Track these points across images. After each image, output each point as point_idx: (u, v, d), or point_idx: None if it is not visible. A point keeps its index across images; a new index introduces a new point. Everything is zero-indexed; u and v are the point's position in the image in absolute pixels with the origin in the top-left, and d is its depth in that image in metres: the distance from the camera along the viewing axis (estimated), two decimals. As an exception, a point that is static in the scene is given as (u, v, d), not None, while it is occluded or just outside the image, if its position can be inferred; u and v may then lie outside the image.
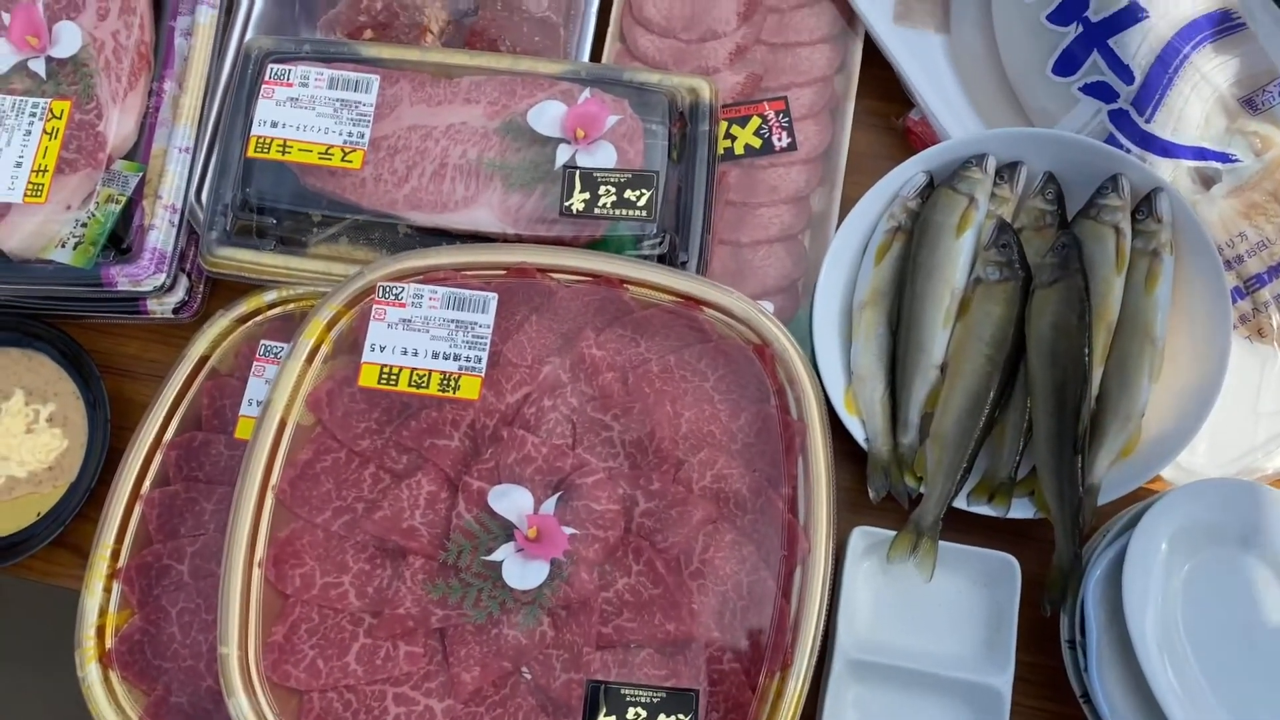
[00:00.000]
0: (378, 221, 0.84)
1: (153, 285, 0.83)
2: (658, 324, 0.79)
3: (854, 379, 0.84)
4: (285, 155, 0.82)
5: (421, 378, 0.76)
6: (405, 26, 0.91)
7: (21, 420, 0.86)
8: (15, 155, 0.82)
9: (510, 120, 0.84)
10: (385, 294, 0.77)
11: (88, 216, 0.83)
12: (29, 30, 0.85)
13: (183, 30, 0.89)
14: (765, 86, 0.92)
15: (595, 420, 0.77)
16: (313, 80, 0.83)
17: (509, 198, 0.83)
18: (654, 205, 0.80)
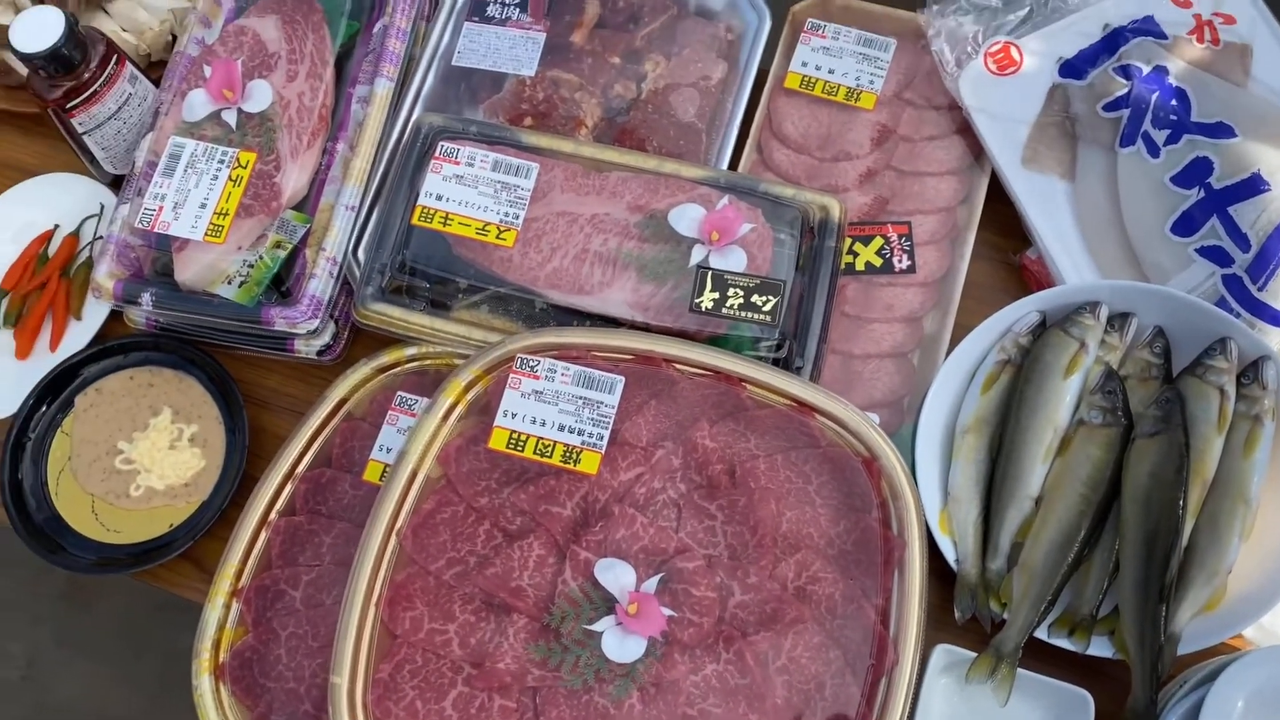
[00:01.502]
0: (517, 295, 0.90)
1: (306, 329, 0.90)
2: (769, 423, 0.83)
3: (950, 499, 0.87)
4: (446, 227, 0.88)
5: (547, 447, 0.81)
6: (562, 118, 0.98)
7: (166, 436, 0.93)
8: (202, 196, 0.89)
9: (650, 216, 0.90)
10: (523, 365, 0.83)
11: (255, 258, 0.91)
12: (226, 84, 0.94)
13: (359, 97, 0.97)
14: (890, 209, 0.97)
15: (700, 508, 0.81)
16: (478, 161, 0.90)
17: (641, 287, 0.88)
18: (778, 312, 0.85)
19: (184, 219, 0.89)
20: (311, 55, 0.96)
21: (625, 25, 1.02)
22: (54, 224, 1.01)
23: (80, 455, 0.93)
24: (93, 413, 0.94)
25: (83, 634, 1.59)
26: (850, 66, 1.01)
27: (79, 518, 0.91)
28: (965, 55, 0.98)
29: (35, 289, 0.98)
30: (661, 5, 1.03)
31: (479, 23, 1.02)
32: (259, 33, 0.97)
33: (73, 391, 0.95)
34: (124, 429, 0.93)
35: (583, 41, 1.01)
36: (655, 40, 1.02)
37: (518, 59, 1.00)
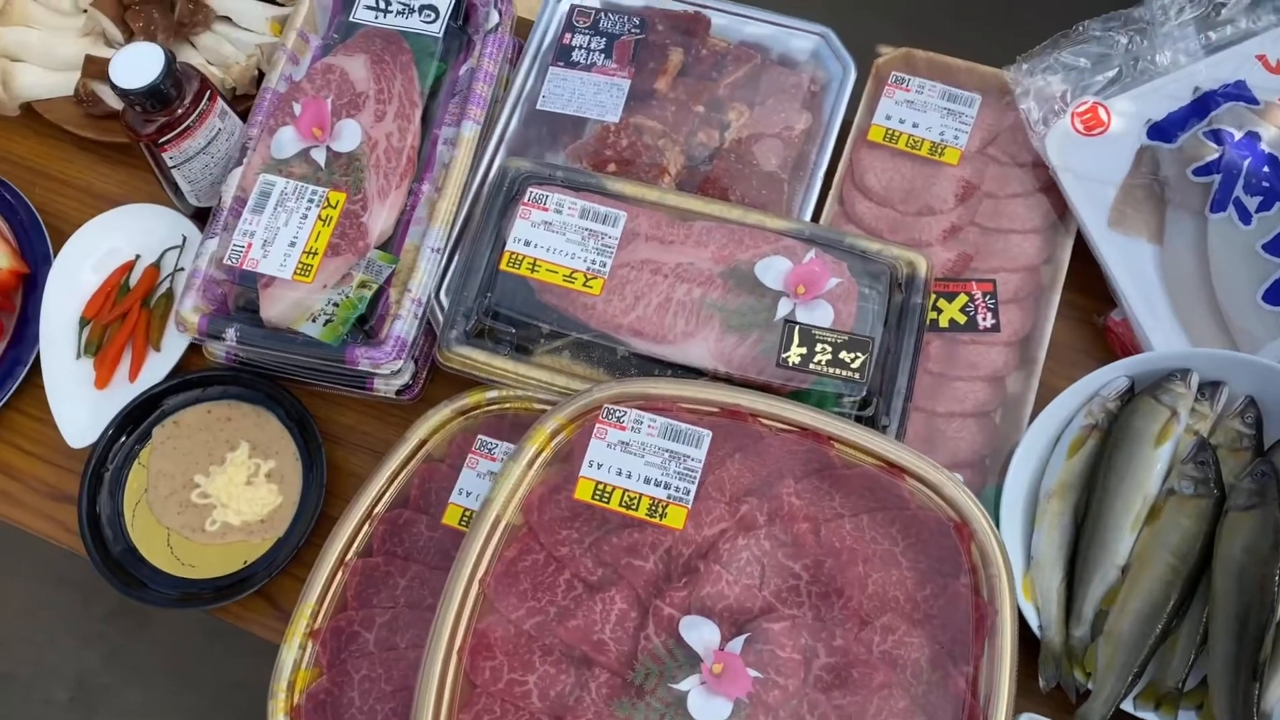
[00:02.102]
0: (600, 341, 0.90)
1: (390, 370, 0.90)
2: (856, 482, 0.83)
3: (1033, 565, 0.86)
4: (534, 273, 0.88)
5: (633, 499, 0.80)
6: (646, 165, 0.98)
7: (244, 471, 0.93)
8: (291, 235, 0.90)
9: (735, 267, 0.90)
10: (609, 415, 0.82)
11: (341, 297, 0.91)
12: (316, 122, 0.94)
13: (445, 139, 0.98)
14: (974, 266, 0.97)
15: (785, 567, 0.80)
16: (566, 208, 0.90)
17: (725, 338, 0.88)
18: (866, 369, 0.85)
19: (273, 257, 0.89)
20: (400, 96, 0.97)
21: (708, 74, 1.03)
22: (135, 254, 1.02)
23: (157, 488, 0.93)
24: (170, 445, 0.94)
25: (132, 658, 1.59)
26: (934, 121, 1.00)
27: (154, 550, 0.91)
28: (1052, 114, 0.97)
29: (116, 319, 0.98)
30: (745, 54, 1.03)
31: (564, 68, 1.02)
32: (347, 71, 0.98)
33: (151, 423, 0.95)
34: (201, 463, 0.93)
35: (666, 89, 1.01)
36: (738, 89, 1.02)
37: (602, 105, 1.00)
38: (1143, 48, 0.97)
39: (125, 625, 1.60)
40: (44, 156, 1.09)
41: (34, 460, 0.97)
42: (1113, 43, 0.97)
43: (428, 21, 0.99)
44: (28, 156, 1.09)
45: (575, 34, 1.04)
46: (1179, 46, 0.97)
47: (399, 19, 0.99)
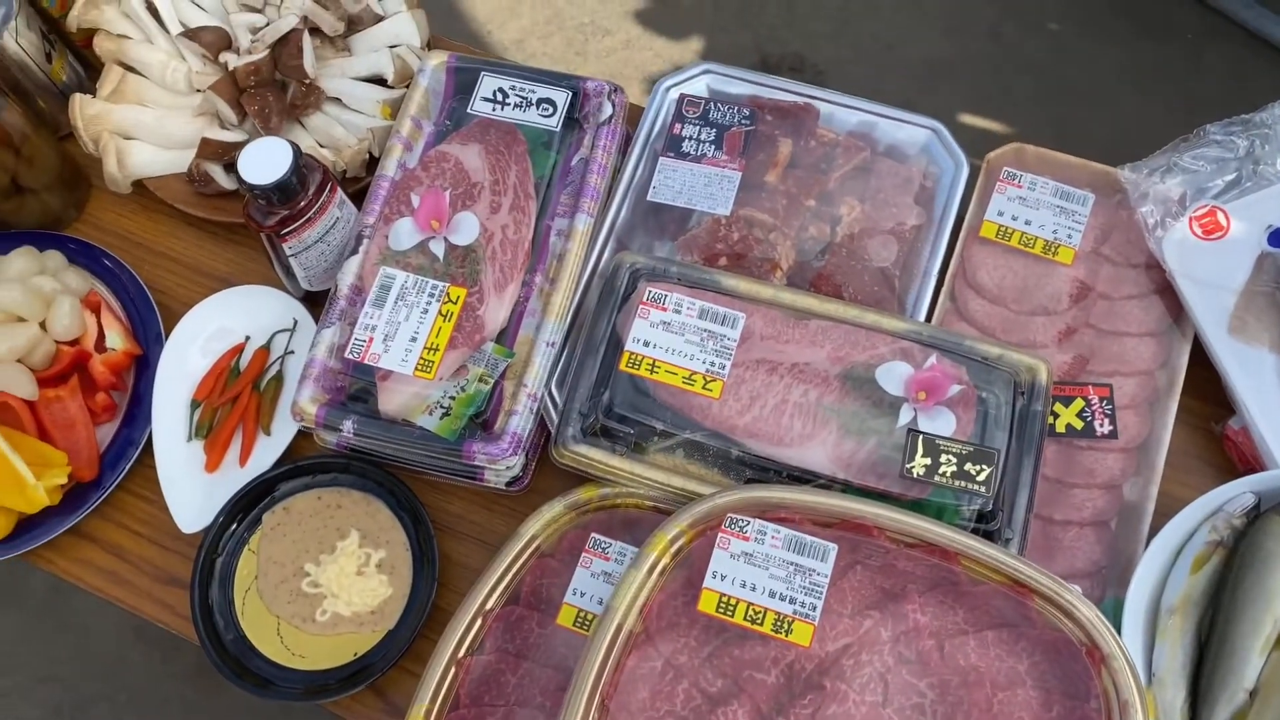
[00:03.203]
0: (714, 442, 0.89)
1: (506, 465, 0.90)
2: (981, 599, 0.82)
3: (1155, 681, 0.84)
4: (654, 374, 0.88)
5: (758, 614, 0.80)
6: (757, 260, 0.98)
7: (354, 561, 0.93)
8: (412, 330, 0.90)
9: (851, 369, 0.90)
10: (732, 525, 0.82)
11: (457, 390, 0.91)
12: (434, 214, 0.95)
13: (557, 230, 0.98)
14: (1089, 369, 0.96)
15: (909, 684, 0.80)
16: (685, 308, 0.90)
17: (843, 443, 0.87)
18: (992, 482, 0.84)
19: (394, 352, 0.90)
20: (515, 187, 0.98)
21: (818, 166, 1.03)
22: (245, 336, 1.02)
23: (267, 575, 0.93)
24: (280, 531, 0.95)
25: (211, 716, 1.59)
26: (1047, 218, 1.00)
27: (264, 639, 0.91)
28: (1169, 217, 0.96)
29: (227, 402, 0.99)
30: (854, 147, 1.03)
31: (674, 158, 1.03)
32: (461, 160, 0.99)
33: (262, 509, 0.95)
34: (311, 551, 0.94)
35: (776, 181, 1.01)
36: (849, 182, 1.02)
37: (712, 197, 1.00)
38: (1263, 152, 0.96)
39: (203, 686, 1.61)
40: (153, 234, 1.10)
41: (143, 542, 0.98)
42: (1232, 146, 0.97)
43: (545, 115, 0.99)
44: (136, 233, 1.10)
45: (685, 124, 1.04)
46: (1300, 152, 0.96)
47: (516, 112, 1.00)
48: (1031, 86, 1.88)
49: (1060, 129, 1.80)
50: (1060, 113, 1.80)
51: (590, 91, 1.02)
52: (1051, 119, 1.78)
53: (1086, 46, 1.86)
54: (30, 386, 0.96)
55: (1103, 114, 1.75)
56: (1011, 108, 1.82)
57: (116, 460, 0.97)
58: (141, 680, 1.60)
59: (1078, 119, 1.77)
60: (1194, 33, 1.89)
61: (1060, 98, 1.87)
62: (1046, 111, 1.81)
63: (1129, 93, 1.77)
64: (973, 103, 1.81)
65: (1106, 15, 1.89)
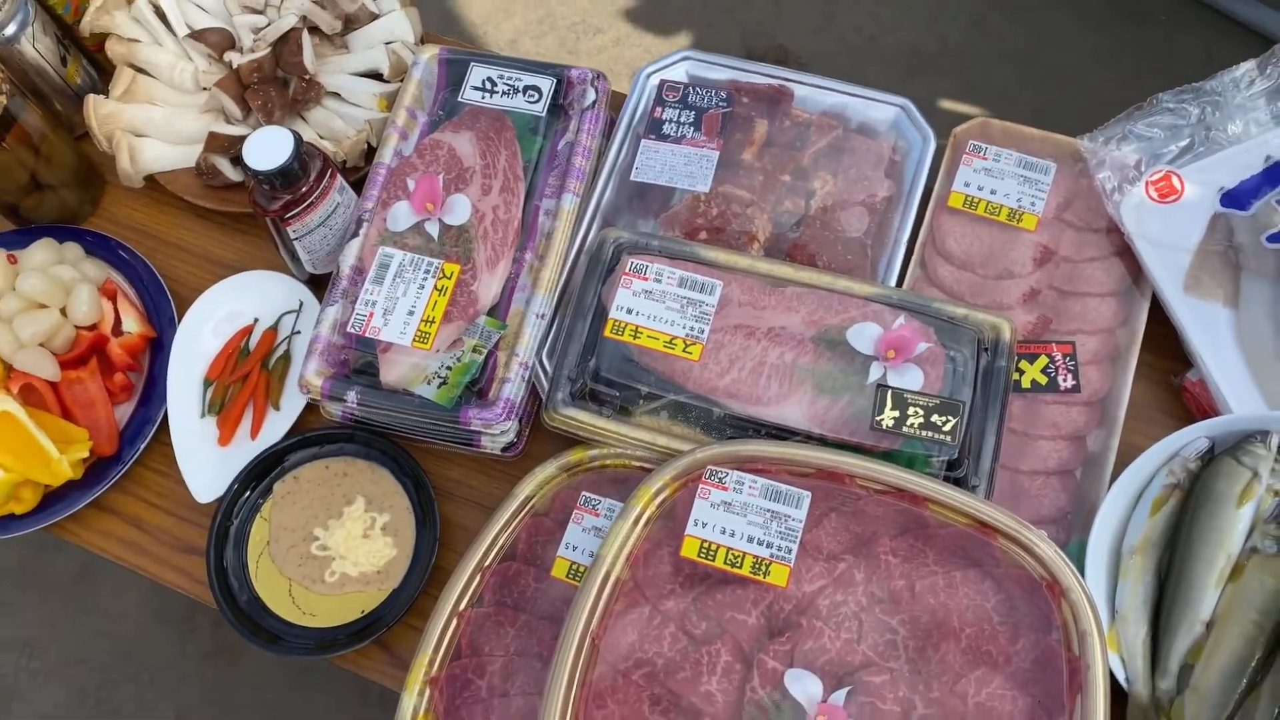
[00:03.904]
0: (697, 403, 0.94)
1: (500, 430, 0.95)
2: (948, 541, 0.87)
3: (1118, 618, 0.89)
4: (636, 339, 0.94)
5: (737, 558, 0.85)
6: (735, 233, 1.03)
7: (360, 525, 0.98)
8: (410, 304, 0.96)
9: (825, 332, 0.95)
10: (711, 476, 0.87)
11: (454, 361, 0.96)
12: (429, 197, 1.01)
13: (545, 210, 1.04)
14: (1054, 329, 1.01)
15: (882, 622, 0.85)
16: (665, 277, 0.96)
17: (818, 401, 0.92)
18: (958, 432, 0.89)
19: (393, 325, 0.95)
20: (505, 171, 1.03)
21: (793, 144, 1.08)
22: (254, 318, 1.08)
23: (279, 540, 0.99)
24: (290, 500, 1.00)
25: (229, 692, 1.66)
26: (1012, 188, 1.05)
27: (277, 600, 0.97)
28: (1126, 182, 1.01)
29: (238, 380, 1.05)
30: (827, 125, 1.09)
31: (656, 140, 1.08)
32: (454, 147, 1.04)
33: (272, 479, 1.01)
34: (320, 516, 0.99)
35: (753, 159, 1.07)
36: (822, 158, 1.07)
37: (692, 175, 1.06)
38: (1214, 119, 1.01)
39: (220, 662, 1.67)
40: (165, 225, 1.16)
41: (161, 513, 1.03)
42: (1185, 114, 1.02)
43: (531, 102, 1.05)
44: (149, 225, 1.16)
45: (665, 108, 1.09)
46: (1250, 117, 1.01)
47: (504, 99, 1.05)
48: (1012, 74, 1.94)
49: (1039, 115, 1.85)
50: (1039, 98, 1.86)
51: (574, 79, 1.08)
52: (1031, 105, 1.83)
53: (1065, 33, 1.91)
54: (53, 368, 1.01)
55: (1080, 99, 1.80)
56: (992, 95, 1.87)
57: (134, 437, 1.03)
58: (162, 660, 1.66)
59: (1056, 104, 1.82)
60: (1167, 16, 1.94)
61: (1040, 84, 1.92)
62: (1026, 98, 1.87)
63: (1107, 77, 1.82)
64: (953, 91, 1.86)
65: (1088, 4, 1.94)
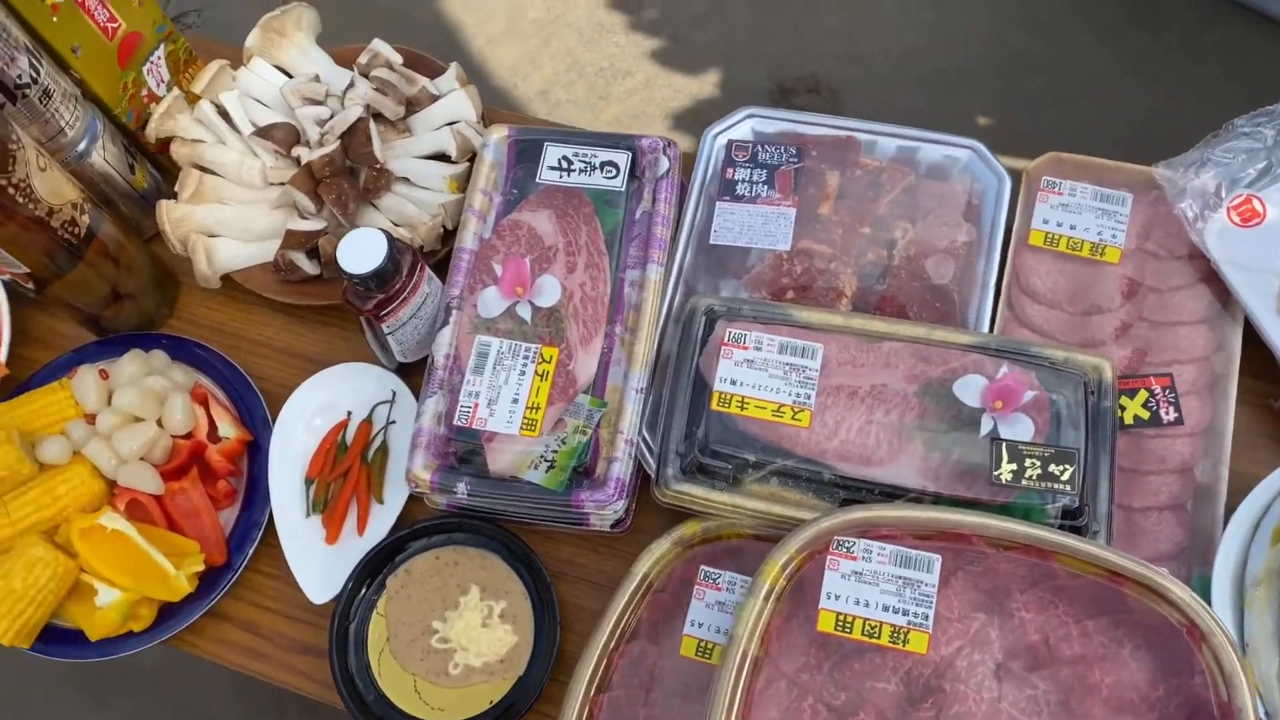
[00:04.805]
0: (806, 468, 0.95)
1: (613, 511, 0.95)
2: (1077, 590, 0.87)
3: (1249, 651, 0.89)
4: (743, 410, 0.94)
5: (874, 628, 0.85)
6: (822, 290, 1.03)
7: (478, 614, 0.98)
8: (513, 392, 0.96)
9: (927, 386, 0.95)
10: (839, 547, 0.87)
11: (557, 444, 0.97)
12: (518, 281, 1.01)
13: (630, 281, 1.04)
14: (1149, 361, 1.01)
15: (1022, 678, 0.85)
16: (765, 345, 0.96)
17: (929, 457, 0.93)
18: (1076, 480, 0.89)
19: (499, 415, 0.95)
20: (587, 246, 1.04)
21: (865, 194, 1.08)
22: (346, 411, 1.08)
23: (398, 636, 0.99)
24: (405, 594, 1.00)
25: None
26: (1090, 222, 1.05)
27: (404, 697, 0.97)
28: (1207, 209, 1.02)
29: (338, 477, 1.05)
30: (899, 172, 1.09)
31: (730, 201, 1.08)
32: (533, 226, 1.05)
33: (385, 574, 1.01)
34: (436, 609, 0.99)
35: (829, 213, 1.07)
36: (898, 206, 1.07)
37: (772, 234, 1.06)
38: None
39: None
40: (243, 322, 1.16)
41: (274, 616, 1.03)
42: (1261, 137, 1.02)
43: (609, 177, 1.05)
44: (228, 323, 1.16)
45: (736, 168, 1.10)
46: (1326, 136, 1.01)
47: (581, 176, 1.06)
48: (1041, 86, 1.94)
49: (1074, 124, 1.85)
50: (1071, 108, 1.86)
51: (645, 148, 1.08)
52: (1064, 116, 1.83)
53: (1087, 43, 1.91)
54: (156, 482, 1.02)
55: (1113, 106, 1.80)
56: (1025, 108, 1.88)
57: (241, 542, 1.03)
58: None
59: (1090, 113, 1.82)
60: (1189, 17, 1.94)
61: (1069, 94, 1.93)
62: (1058, 109, 1.87)
63: (1134, 84, 1.82)
64: (987, 107, 1.86)
65: (1105, 10, 1.94)
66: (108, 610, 0.97)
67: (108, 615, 0.97)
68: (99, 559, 0.97)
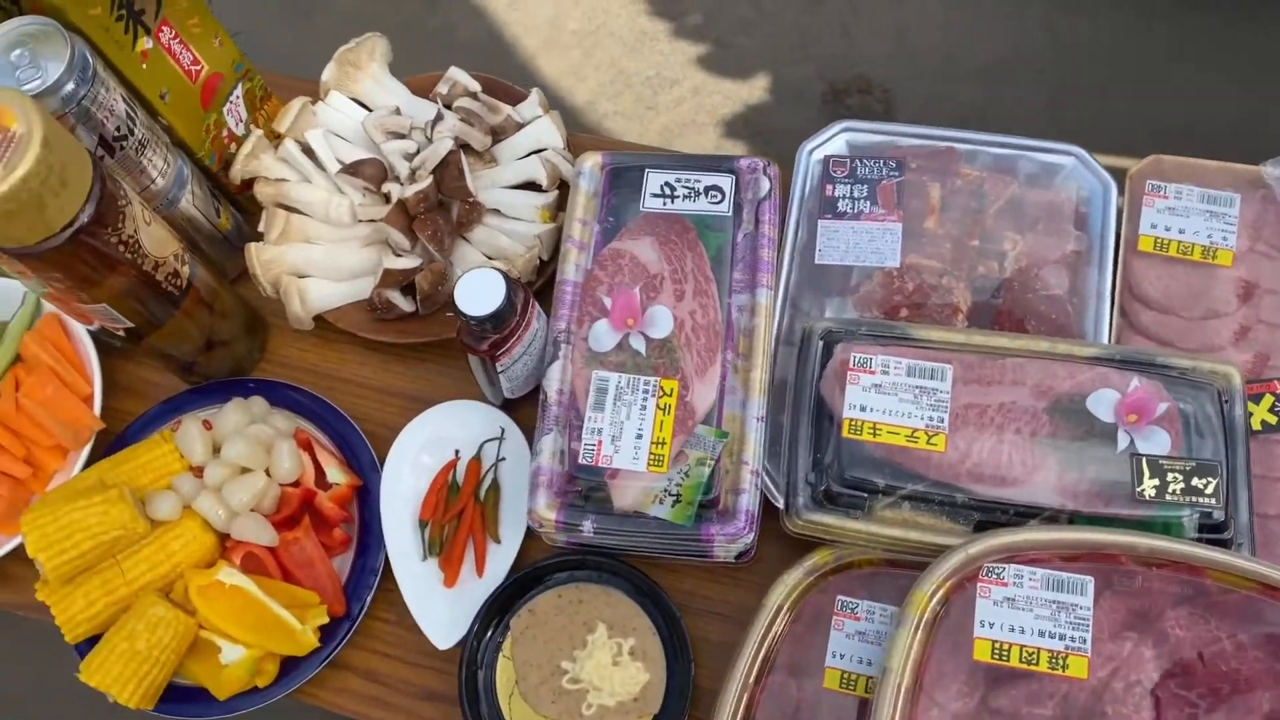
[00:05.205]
0: (938, 491, 0.93)
1: (743, 543, 0.94)
2: (1230, 605, 0.86)
3: (1400, 657, 0.88)
4: (875, 437, 0.93)
5: (1031, 655, 0.84)
6: (937, 306, 1.02)
7: (608, 652, 0.97)
8: (636, 427, 0.95)
9: (1056, 401, 0.94)
10: (989, 574, 0.86)
11: (681, 476, 0.95)
12: (628, 313, 0.99)
13: (739, 306, 1.02)
14: (1272, 365, 1.00)
15: (1179, 696, 0.84)
16: (892, 368, 0.94)
17: (1065, 474, 0.91)
18: (1220, 493, 0.88)
19: (624, 452, 0.94)
20: (694, 273, 1.02)
21: (969, 205, 1.07)
22: (454, 450, 1.07)
23: (527, 678, 0.97)
24: (530, 634, 0.99)
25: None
26: (1199, 224, 1.04)
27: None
28: (1322, 205, 1.01)
29: (452, 518, 1.03)
30: (1001, 181, 1.08)
31: (833, 219, 1.07)
32: (636, 255, 1.03)
33: (508, 615, 1.00)
34: (564, 648, 0.98)
35: (935, 226, 1.06)
36: (1003, 217, 1.06)
37: (879, 251, 1.04)
38: (1404, 133, 1.00)
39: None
40: (337, 362, 1.14)
41: (396, 663, 1.02)
42: (1373, 131, 1.01)
43: (715, 202, 1.04)
44: (321, 364, 1.15)
45: (836, 184, 1.08)
46: None
47: (686, 203, 1.04)
48: (1094, 75, 1.92)
49: (1136, 111, 1.82)
50: (1132, 96, 1.83)
51: (744, 169, 1.06)
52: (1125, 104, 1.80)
53: (1137, 29, 1.89)
54: (270, 534, 1.00)
55: (1171, 91, 1.78)
56: (1082, 99, 1.86)
57: (358, 589, 1.01)
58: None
59: (1149, 99, 1.79)
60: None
61: (1123, 82, 1.90)
62: (1117, 98, 1.85)
63: (1186, 67, 1.80)
64: (1046, 99, 1.84)
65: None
66: (234, 667, 0.95)
67: (234, 672, 0.95)
68: (219, 615, 0.96)
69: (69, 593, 0.97)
